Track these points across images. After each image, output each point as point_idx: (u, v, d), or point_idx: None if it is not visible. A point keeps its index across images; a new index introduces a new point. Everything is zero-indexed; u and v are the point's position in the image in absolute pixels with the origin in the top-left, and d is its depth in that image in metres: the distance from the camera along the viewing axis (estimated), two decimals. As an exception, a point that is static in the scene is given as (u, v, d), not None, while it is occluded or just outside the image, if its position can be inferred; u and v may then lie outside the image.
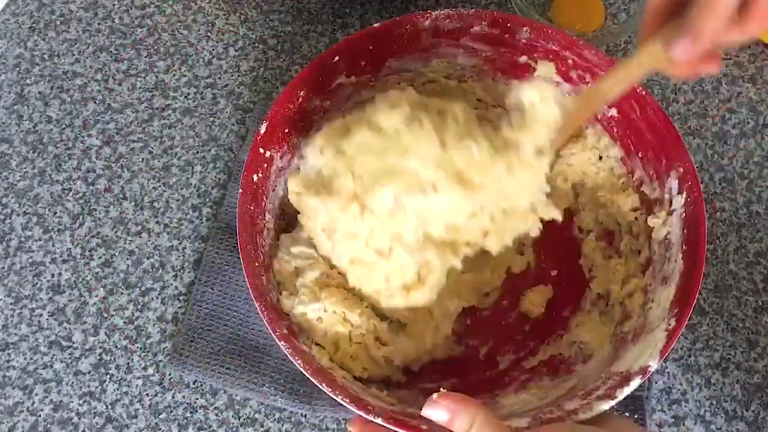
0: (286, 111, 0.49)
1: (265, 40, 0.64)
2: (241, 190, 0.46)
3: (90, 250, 0.55)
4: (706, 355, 0.52)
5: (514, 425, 0.39)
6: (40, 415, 0.50)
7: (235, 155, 0.59)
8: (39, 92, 0.62)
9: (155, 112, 0.61)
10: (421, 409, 0.38)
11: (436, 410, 0.37)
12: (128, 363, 0.52)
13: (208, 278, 0.53)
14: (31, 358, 0.52)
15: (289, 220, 0.52)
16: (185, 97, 0.61)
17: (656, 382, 0.51)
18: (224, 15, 0.65)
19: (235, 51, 0.64)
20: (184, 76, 0.62)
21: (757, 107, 0.61)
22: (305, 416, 0.50)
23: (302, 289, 0.46)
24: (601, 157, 0.52)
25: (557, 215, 0.46)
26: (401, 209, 0.44)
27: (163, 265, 0.55)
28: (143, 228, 0.56)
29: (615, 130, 0.51)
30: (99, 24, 0.65)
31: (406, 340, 0.49)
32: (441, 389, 0.38)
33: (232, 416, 0.50)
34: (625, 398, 0.39)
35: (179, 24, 0.65)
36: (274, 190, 0.49)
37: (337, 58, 0.50)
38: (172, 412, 0.50)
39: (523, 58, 0.52)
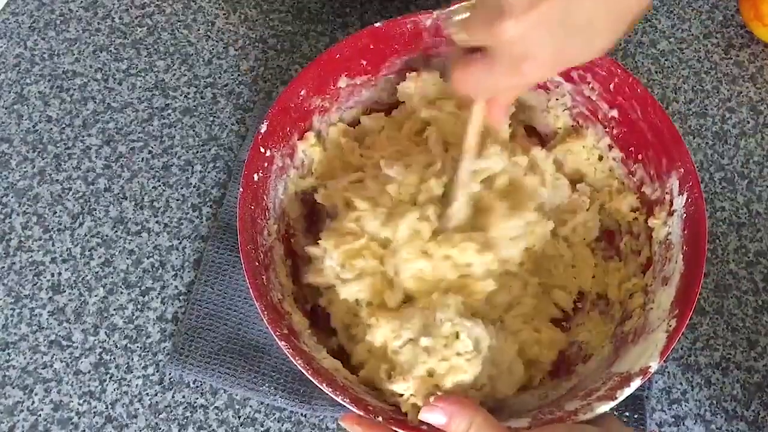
0: (287, 110, 0.49)
1: (265, 39, 0.64)
2: (241, 190, 0.46)
3: (90, 250, 0.55)
4: (706, 354, 0.52)
5: (514, 426, 0.39)
6: (40, 415, 0.50)
7: (235, 155, 0.59)
8: (39, 92, 0.61)
9: (155, 111, 0.61)
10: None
11: (433, 413, 0.37)
12: (128, 363, 0.52)
13: (208, 278, 0.53)
14: (31, 358, 0.52)
15: (289, 221, 0.52)
16: (185, 96, 0.61)
17: (656, 382, 0.51)
18: (224, 15, 0.65)
19: (235, 50, 0.63)
20: (184, 75, 0.62)
21: (757, 107, 0.61)
22: (305, 416, 0.50)
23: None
24: (601, 158, 0.52)
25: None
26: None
27: (163, 265, 0.55)
28: (143, 227, 0.56)
29: (615, 130, 0.50)
30: (99, 23, 0.65)
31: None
32: (437, 392, 0.38)
33: (232, 416, 0.50)
34: (625, 398, 0.39)
35: (179, 23, 0.65)
36: (274, 190, 0.49)
37: (337, 57, 0.50)
38: (172, 411, 0.50)
39: (524, 58, 0.52)
